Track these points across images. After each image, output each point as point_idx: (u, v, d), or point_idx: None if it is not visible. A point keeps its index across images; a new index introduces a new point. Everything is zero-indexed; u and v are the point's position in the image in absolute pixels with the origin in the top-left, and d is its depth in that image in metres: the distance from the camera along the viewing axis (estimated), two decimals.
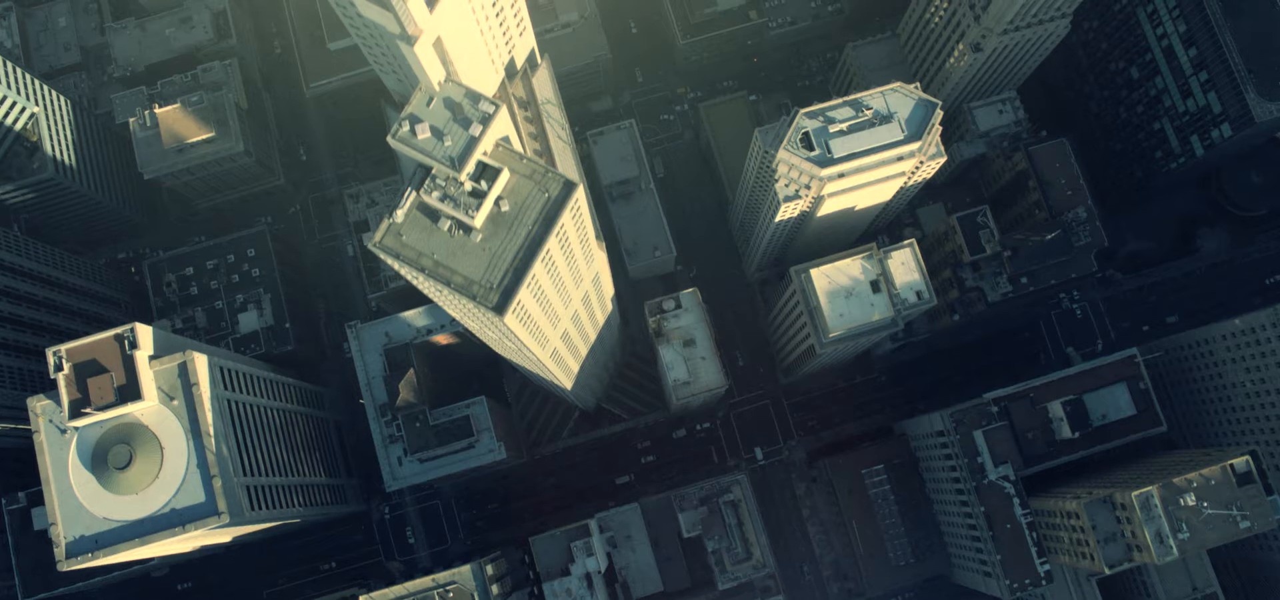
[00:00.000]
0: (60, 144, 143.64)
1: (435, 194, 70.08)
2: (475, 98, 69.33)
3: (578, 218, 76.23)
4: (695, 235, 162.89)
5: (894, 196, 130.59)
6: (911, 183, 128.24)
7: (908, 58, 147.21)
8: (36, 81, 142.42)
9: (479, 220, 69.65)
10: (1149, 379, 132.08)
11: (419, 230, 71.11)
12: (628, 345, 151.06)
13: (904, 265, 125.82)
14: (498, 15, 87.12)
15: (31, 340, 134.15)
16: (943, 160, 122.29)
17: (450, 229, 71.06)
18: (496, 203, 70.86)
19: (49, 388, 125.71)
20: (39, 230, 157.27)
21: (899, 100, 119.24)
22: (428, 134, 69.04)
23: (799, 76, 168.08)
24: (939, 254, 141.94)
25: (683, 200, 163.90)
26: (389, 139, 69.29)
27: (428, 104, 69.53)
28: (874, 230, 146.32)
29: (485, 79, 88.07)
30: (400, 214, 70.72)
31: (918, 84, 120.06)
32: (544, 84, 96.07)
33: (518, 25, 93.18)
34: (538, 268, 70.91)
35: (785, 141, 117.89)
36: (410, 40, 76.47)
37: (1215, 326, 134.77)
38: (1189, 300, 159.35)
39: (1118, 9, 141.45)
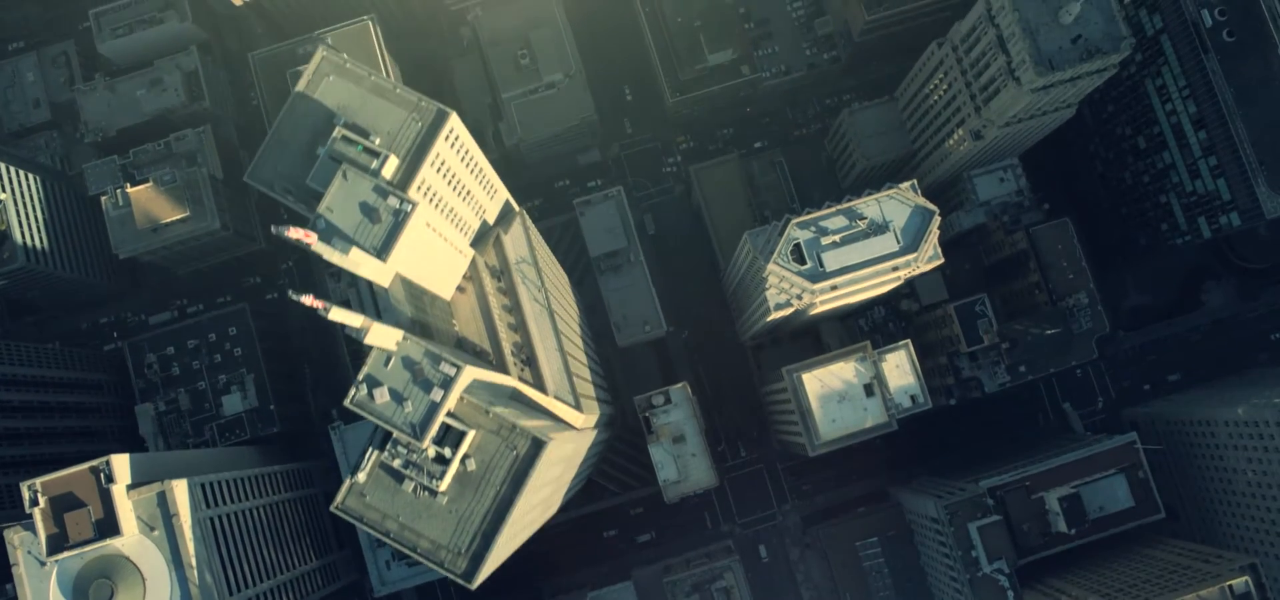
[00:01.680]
0: (30, 228, 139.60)
1: (398, 459, 67.00)
2: (436, 358, 65.70)
3: (556, 459, 73.18)
4: (687, 291, 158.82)
5: (889, 291, 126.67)
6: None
7: (905, 125, 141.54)
8: (2, 164, 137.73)
9: (444, 485, 66.68)
10: (1148, 465, 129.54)
11: (383, 490, 68.21)
12: (618, 421, 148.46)
13: (898, 368, 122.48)
14: (466, 197, 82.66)
15: (8, 451, 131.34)
16: (940, 261, 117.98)
17: (415, 490, 68.14)
18: (463, 462, 67.75)
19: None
20: (16, 308, 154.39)
21: (895, 208, 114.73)
22: (387, 398, 65.65)
23: (794, 126, 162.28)
24: (934, 335, 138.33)
25: (674, 257, 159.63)
26: (347, 403, 65.85)
27: (385, 365, 65.98)
28: (871, 302, 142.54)
29: (455, 269, 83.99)
30: (362, 476, 67.70)
31: (914, 184, 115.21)
32: (518, 241, 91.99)
33: (488, 191, 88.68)
34: (508, 528, 68.11)
35: (776, 253, 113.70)
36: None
37: (1219, 409, 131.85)
38: (1192, 357, 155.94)
39: (1125, 76, 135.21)
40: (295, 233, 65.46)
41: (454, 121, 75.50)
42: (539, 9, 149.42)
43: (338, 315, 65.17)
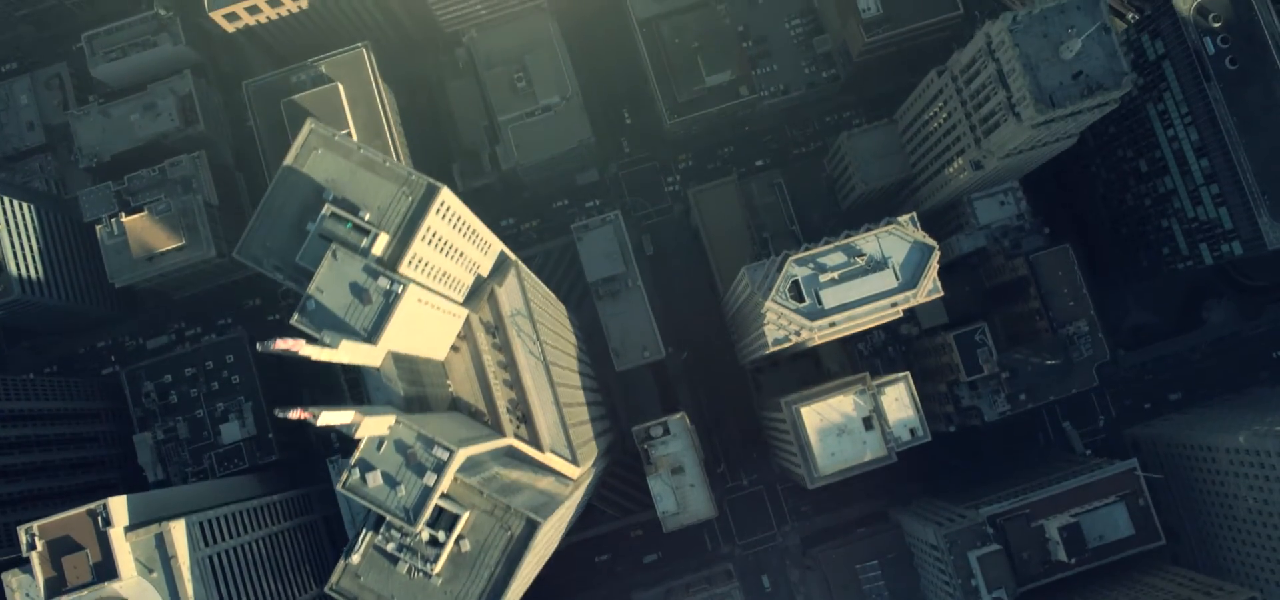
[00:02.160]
0: (25, 258, 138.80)
1: (392, 542, 66.63)
2: (428, 443, 65.19)
3: (551, 530, 72.77)
4: (686, 312, 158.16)
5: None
6: None
7: (905, 148, 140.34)
8: None
9: (438, 569, 66.34)
10: (1149, 491, 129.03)
11: (377, 571, 67.89)
12: (616, 447, 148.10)
13: (898, 401, 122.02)
14: (459, 258, 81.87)
15: (5, 489, 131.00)
16: (939, 294, 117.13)
17: (410, 570, 67.79)
18: (457, 542, 67.38)
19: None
20: (13, 334, 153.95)
21: (893, 243, 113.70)
22: (380, 483, 65.19)
23: (795, 143, 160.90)
24: (934, 362, 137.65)
25: (673, 277, 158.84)
26: (338, 488, 65.41)
27: (378, 449, 65.45)
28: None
29: (448, 332, 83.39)
30: (356, 557, 67.36)
31: (914, 217, 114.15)
32: (513, 293, 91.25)
33: (481, 248, 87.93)
34: None
35: (774, 291, 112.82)
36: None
37: (1220, 435, 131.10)
38: (1193, 376, 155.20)
39: (1126, 99, 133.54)
40: (282, 344, 64.82)
41: (445, 195, 74.71)
42: (535, 31, 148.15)
43: (327, 419, 64.65)
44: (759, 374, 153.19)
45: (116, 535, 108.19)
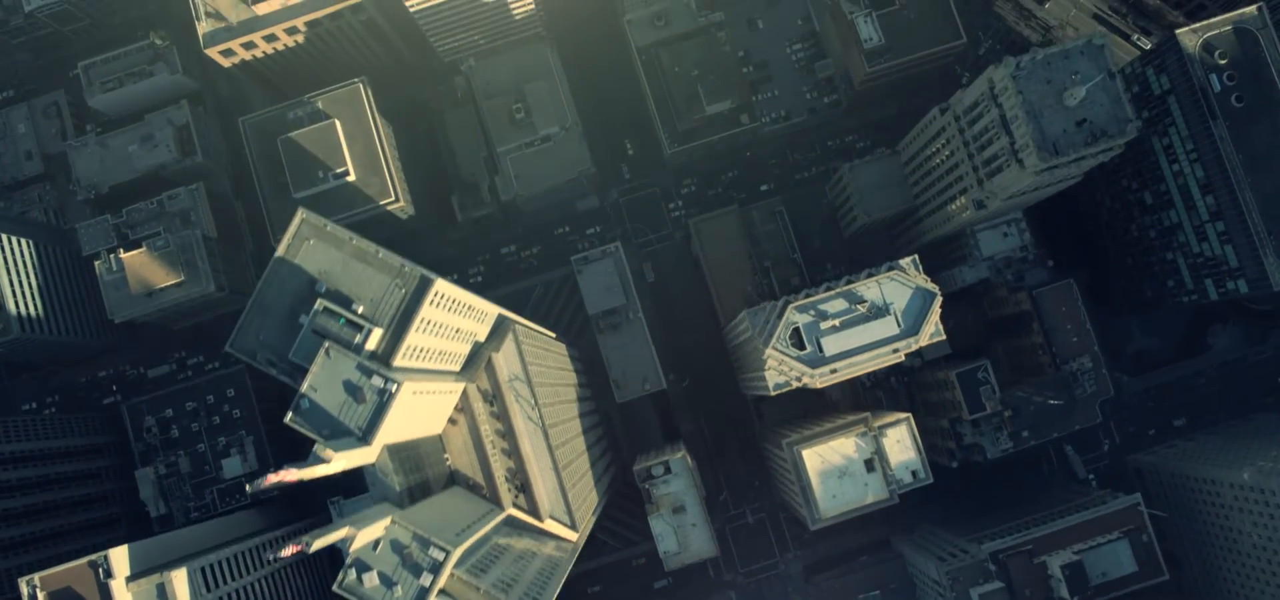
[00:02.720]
0: (24, 296, 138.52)
1: None
2: (424, 542, 64.85)
3: None
4: (688, 338, 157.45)
5: None
6: None
7: (907, 179, 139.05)
8: None
9: None
10: (1152, 529, 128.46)
11: None
12: (617, 476, 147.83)
13: (899, 443, 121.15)
14: (455, 335, 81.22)
15: (7, 533, 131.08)
16: (941, 339, 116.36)
17: None
18: None
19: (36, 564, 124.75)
20: (14, 367, 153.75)
21: (895, 290, 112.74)
22: (376, 582, 64.89)
23: (797, 168, 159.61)
24: (937, 396, 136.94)
25: (675, 303, 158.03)
26: (335, 587, 65.13)
27: (374, 549, 65.07)
28: None
29: (445, 409, 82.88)
30: None
31: (916, 260, 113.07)
32: (510, 358, 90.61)
33: (477, 319, 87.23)
34: None
35: (775, 338, 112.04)
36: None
37: (1224, 470, 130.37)
38: (1198, 401, 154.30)
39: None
40: (273, 478, 64.38)
41: (438, 287, 73.96)
42: (534, 59, 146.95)
43: (321, 543, 64.22)
44: (761, 402, 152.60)
45: (118, 587, 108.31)
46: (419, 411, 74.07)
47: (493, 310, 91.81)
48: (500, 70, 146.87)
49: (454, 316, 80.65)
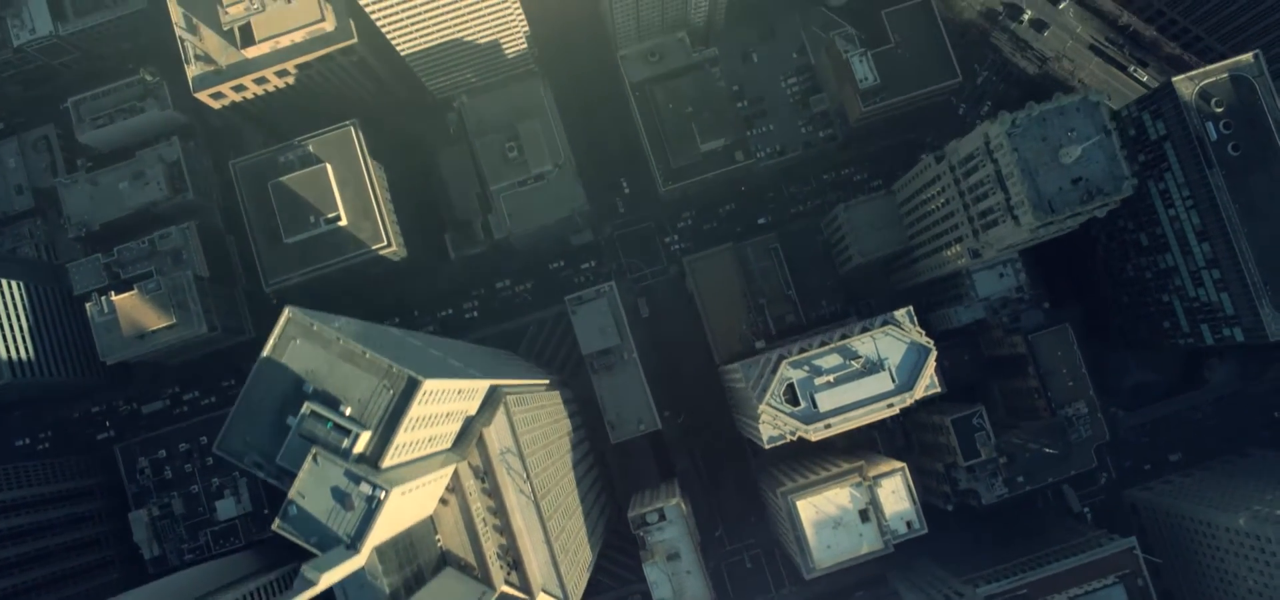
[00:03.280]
0: (15, 339, 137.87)
1: None
2: None
3: None
4: (683, 374, 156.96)
5: None
6: None
7: (902, 220, 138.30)
8: None
9: None
10: (1148, 574, 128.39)
11: None
12: (613, 517, 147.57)
13: (894, 494, 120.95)
14: (445, 419, 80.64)
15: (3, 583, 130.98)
16: (937, 391, 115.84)
17: None
18: None
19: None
20: (7, 405, 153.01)
21: (890, 345, 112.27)
22: None
23: (793, 202, 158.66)
24: (932, 438, 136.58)
25: (669, 338, 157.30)
26: None
27: None
28: None
29: (434, 494, 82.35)
30: None
31: (911, 312, 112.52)
32: (502, 430, 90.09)
33: (467, 398, 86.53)
34: None
35: (769, 393, 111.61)
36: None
37: (1220, 513, 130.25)
38: (1194, 435, 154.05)
39: (1127, 158, 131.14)
40: None
41: (427, 387, 73.32)
42: (526, 97, 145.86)
43: None
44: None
45: None
46: (409, 505, 73.64)
47: (484, 385, 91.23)
48: (493, 107, 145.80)
49: (444, 404, 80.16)
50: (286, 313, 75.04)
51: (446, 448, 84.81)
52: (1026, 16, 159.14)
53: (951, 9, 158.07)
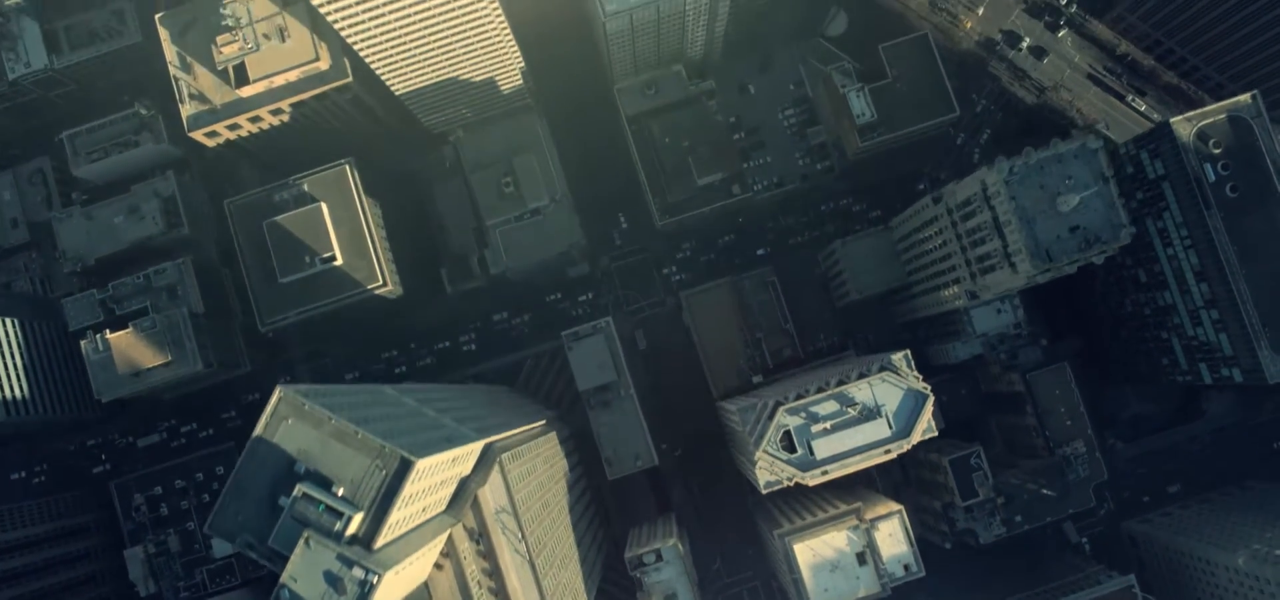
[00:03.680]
0: (10, 377, 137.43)
1: None
2: None
3: None
4: (680, 408, 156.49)
5: None
6: None
7: (900, 256, 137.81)
8: None
9: None
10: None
11: None
12: (609, 553, 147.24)
13: (892, 536, 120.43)
14: (439, 485, 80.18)
15: None
16: (934, 434, 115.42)
17: None
18: None
19: None
20: (2, 440, 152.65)
21: (887, 392, 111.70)
22: None
23: (791, 232, 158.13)
24: (930, 476, 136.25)
25: (667, 370, 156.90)
26: None
27: None
28: None
29: (428, 561, 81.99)
30: None
31: (908, 356, 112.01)
32: (497, 490, 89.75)
33: (460, 463, 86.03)
34: None
35: (765, 440, 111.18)
36: None
37: (1219, 552, 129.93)
38: (1193, 467, 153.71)
39: (1125, 207, 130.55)
40: None
41: (420, 467, 72.89)
42: (522, 131, 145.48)
43: None
44: None
45: None
46: (403, 581, 73.35)
47: (477, 445, 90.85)
48: (489, 141, 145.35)
49: (438, 475, 79.77)
50: (278, 393, 74.61)
51: (441, 511, 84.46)
52: (1025, 44, 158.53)
53: (949, 38, 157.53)
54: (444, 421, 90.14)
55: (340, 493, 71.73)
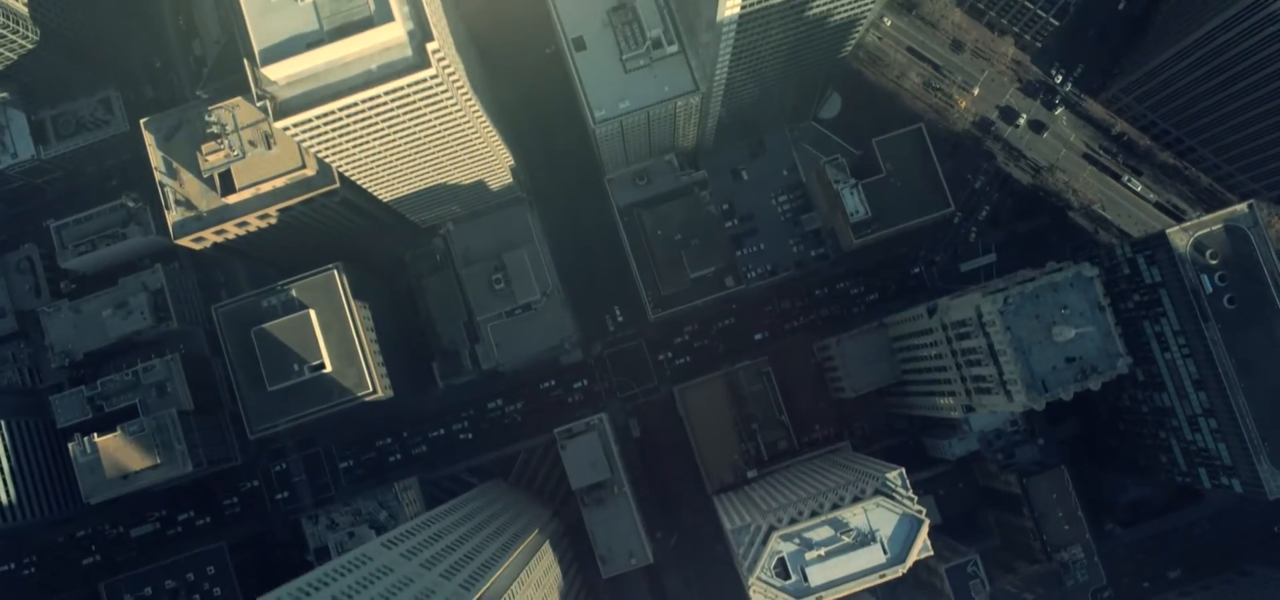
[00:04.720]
0: None
1: None
2: None
3: None
4: (674, 493, 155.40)
5: None
6: None
7: (895, 354, 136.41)
8: None
9: None
10: None
11: None
12: None
13: None
14: None
15: None
16: (929, 554, 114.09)
17: None
18: None
19: None
20: None
21: (881, 517, 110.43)
22: None
23: (788, 317, 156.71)
24: (925, 577, 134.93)
25: (661, 457, 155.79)
26: None
27: None
28: None
29: None
30: None
31: (903, 474, 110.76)
32: None
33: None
34: None
35: (759, 567, 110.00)
36: None
37: None
38: (1193, 551, 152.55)
39: (1123, 309, 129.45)
40: None
41: None
42: (513, 224, 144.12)
43: None
44: None
45: None
46: None
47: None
48: (479, 235, 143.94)
49: None
50: None
51: None
52: (1022, 120, 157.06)
53: (944, 118, 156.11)
54: (435, 585, 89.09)
55: None
